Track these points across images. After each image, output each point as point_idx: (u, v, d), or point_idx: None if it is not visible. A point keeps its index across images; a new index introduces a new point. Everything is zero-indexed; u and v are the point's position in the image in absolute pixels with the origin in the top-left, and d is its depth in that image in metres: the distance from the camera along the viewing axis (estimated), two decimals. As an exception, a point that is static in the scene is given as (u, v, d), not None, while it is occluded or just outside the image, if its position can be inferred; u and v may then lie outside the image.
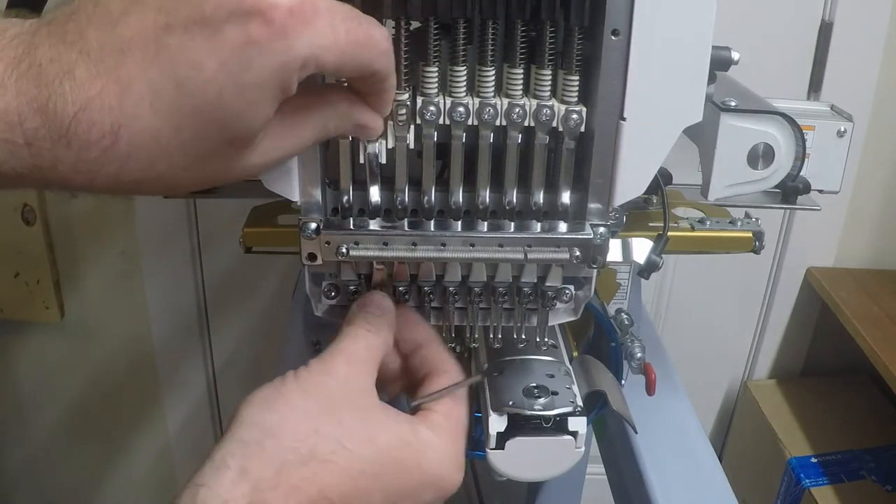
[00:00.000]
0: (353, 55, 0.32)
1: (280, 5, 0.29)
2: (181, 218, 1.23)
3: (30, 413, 1.40)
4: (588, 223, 0.44)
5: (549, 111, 0.41)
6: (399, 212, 0.44)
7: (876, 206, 1.26)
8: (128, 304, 1.29)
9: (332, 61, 0.31)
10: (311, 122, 0.36)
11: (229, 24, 0.29)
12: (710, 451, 0.68)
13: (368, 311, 0.42)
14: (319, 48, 0.31)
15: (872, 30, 1.13)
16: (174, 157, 0.31)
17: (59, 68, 0.29)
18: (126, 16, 0.29)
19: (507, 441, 0.50)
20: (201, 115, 0.30)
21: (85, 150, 0.30)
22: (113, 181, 0.31)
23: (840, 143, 0.57)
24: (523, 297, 0.47)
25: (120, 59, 0.29)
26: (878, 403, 1.30)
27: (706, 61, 0.40)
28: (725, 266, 1.28)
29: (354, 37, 0.32)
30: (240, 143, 0.33)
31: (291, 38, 0.30)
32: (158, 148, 0.31)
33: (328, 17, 0.31)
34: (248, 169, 0.35)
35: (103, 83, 0.29)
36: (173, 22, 0.29)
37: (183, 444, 1.43)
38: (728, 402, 1.46)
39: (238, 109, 0.31)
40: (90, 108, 0.29)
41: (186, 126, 0.30)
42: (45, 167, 0.30)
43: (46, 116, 0.29)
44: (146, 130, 0.30)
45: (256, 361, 1.37)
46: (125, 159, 0.30)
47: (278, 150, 0.35)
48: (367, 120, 0.37)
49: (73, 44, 0.29)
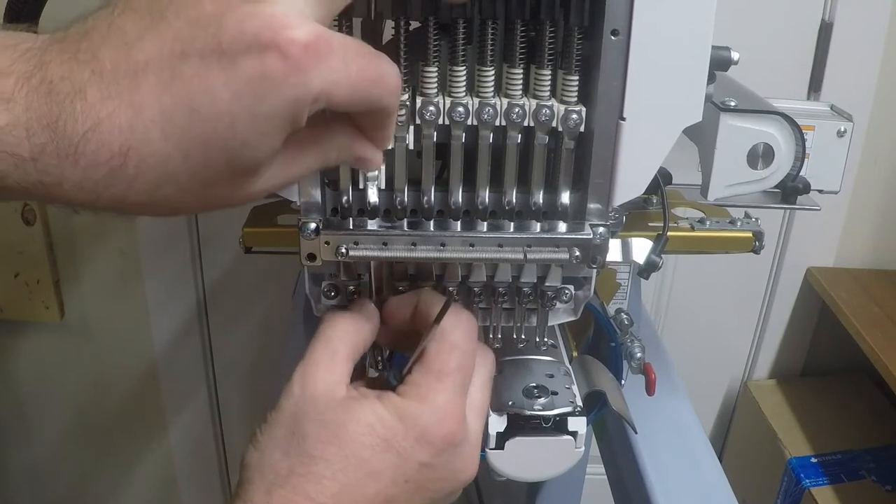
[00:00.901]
0: (364, 92, 0.32)
1: (297, 40, 0.29)
2: (181, 218, 1.23)
3: (30, 413, 1.40)
4: (588, 223, 0.44)
5: (548, 111, 0.41)
6: (398, 212, 0.44)
7: (876, 206, 1.26)
8: (128, 304, 1.30)
9: (343, 97, 0.32)
10: (314, 153, 0.36)
11: (246, 56, 0.29)
12: (710, 451, 0.68)
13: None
14: (332, 84, 0.31)
15: (872, 30, 1.13)
16: (181, 181, 0.31)
17: (71, 87, 0.29)
18: (141, 41, 0.30)
19: (506, 441, 0.50)
20: (211, 144, 0.30)
21: (92, 169, 0.30)
22: (117, 202, 0.31)
23: (840, 143, 0.57)
24: (523, 297, 0.47)
25: (134, 82, 0.29)
26: (878, 403, 1.30)
27: (706, 61, 0.40)
28: (725, 266, 1.28)
29: (366, 74, 0.32)
30: (246, 171, 0.33)
31: (306, 73, 0.30)
32: (166, 172, 0.31)
33: (342, 53, 0.31)
34: (252, 195, 0.35)
35: (115, 105, 0.29)
36: (190, 50, 0.29)
37: (183, 443, 1.43)
38: (728, 402, 1.46)
39: (248, 139, 0.31)
40: (100, 129, 0.29)
41: (196, 153, 0.31)
42: (50, 183, 0.30)
43: (55, 133, 0.29)
44: (155, 154, 0.30)
45: (256, 361, 1.37)
46: (132, 181, 0.31)
47: (281, 179, 0.36)
48: (367, 153, 0.37)
49: (86, 63, 0.29)
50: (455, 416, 0.40)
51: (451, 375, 0.40)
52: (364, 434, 0.38)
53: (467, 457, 0.41)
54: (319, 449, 0.37)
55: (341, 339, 0.41)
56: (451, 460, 0.40)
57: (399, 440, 0.38)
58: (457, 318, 0.42)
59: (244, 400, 1.41)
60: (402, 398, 0.39)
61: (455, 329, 0.41)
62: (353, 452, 0.37)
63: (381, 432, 0.38)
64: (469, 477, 0.41)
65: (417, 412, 0.39)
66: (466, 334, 0.42)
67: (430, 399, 0.39)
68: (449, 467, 0.40)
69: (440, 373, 0.40)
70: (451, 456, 0.39)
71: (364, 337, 0.43)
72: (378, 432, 0.38)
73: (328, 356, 0.40)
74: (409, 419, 0.38)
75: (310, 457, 0.37)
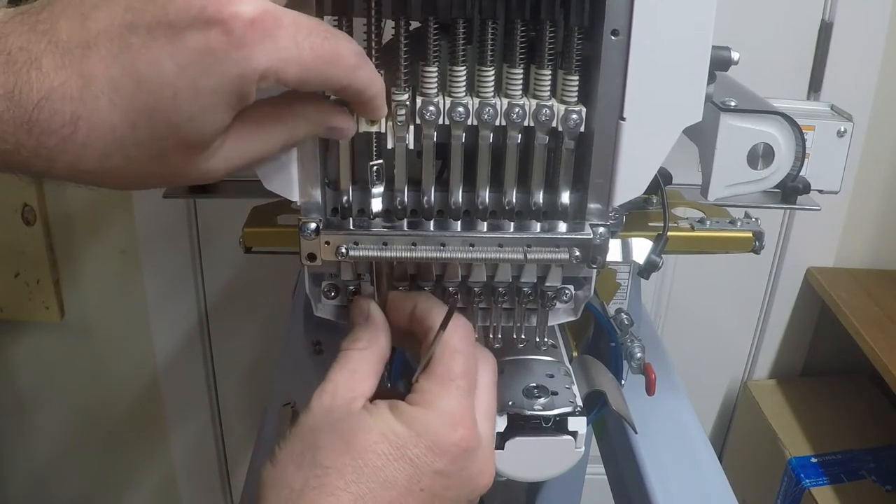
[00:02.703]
0: (317, 71, 0.32)
1: (241, 16, 0.30)
2: (181, 218, 1.23)
3: (29, 412, 1.40)
4: (588, 223, 0.44)
5: (548, 111, 0.41)
6: (399, 212, 0.44)
7: (876, 206, 1.26)
8: (128, 304, 1.30)
9: (294, 75, 0.32)
10: (277, 129, 0.36)
11: (191, 30, 0.30)
12: (710, 451, 0.68)
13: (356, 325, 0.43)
14: (280, 61, 0.31)
15: (872, 30, 1.13)
16: (129, 152, 0.32)
17: (28, 57, 0.30)
18: (97, 10, 0.30)
19: (507, 441, 0.50)
20: (156, 115, 0.31)
21: (46, 136, 0.30)
22: (70, 169, 0.32)
23: (840, 143, 0.57)
24: (523, 297, 0.47)
25: (86, 52, 0.30)
26: (878, 403, 1.30)
27: (706, 61, 0.40)
28: (725, 266, 1.28)
29: (320, 53, 0.32)
30: (195, 147, 0.33)
31: (250, 48, 0.30)
32: (114, 142, 0.31)
33: (292, 30, 0.31)
34: (210, 172, 0.35)
35: (67, 75, 0.30)
36: (138, 21, 0.30)
37: (183, 443, 1.43)
38: (728, 402, 1.46)
39: (192, 113, 0.31)
40: (53, 98, 0.30)
41: (142, 124, 0.31)
42: (9, 150, 0.31)
43: (12, 102, 0.30)
44: (103, 124, 0.31)
45: (256, 361, 1.37)
46: (82, 149, 0.31)
47: (242, 157, 0.35)
48: (337, 122, 0.37)
49: (44, 34, 0.30)
50: (465, 421, 0.39)
51: (456, 380, 0.40)
52: (376, 442, 0.37)
53: (483, 462, 0.40)
54: (332, 459, 0.36)
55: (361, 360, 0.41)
56: (468, 466, 0.39)
57: (411, 448, 0.37)
58: (455, 323, 0.41)
59: (244, 400, 1.41)
60: (411, 406, 0.39)
61: (455, 334, 0.41)
62: (367, 462, 0.37)
63: (393, 440, 0.37)
64: (487, 482, 0.41)
65: (427, 419, 0.38)
66: (466, 338, 0.41)
67: (437, 405, 0.39)
68: (465, 474, 0.39)
69: (445, 378, 0.40)
70: (466, 462, 0.39)
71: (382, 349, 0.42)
72: (390, 440, 0.37)
73: (347, 374, 0.40)
74: (420, 426, 0.38)
75: (322, 468, 0.36)
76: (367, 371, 0.41)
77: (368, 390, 0.40)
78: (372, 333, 0.42)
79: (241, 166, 0.36)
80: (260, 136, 0.36)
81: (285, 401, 0.71)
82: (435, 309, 0.43)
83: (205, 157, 0.34)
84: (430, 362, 0.40)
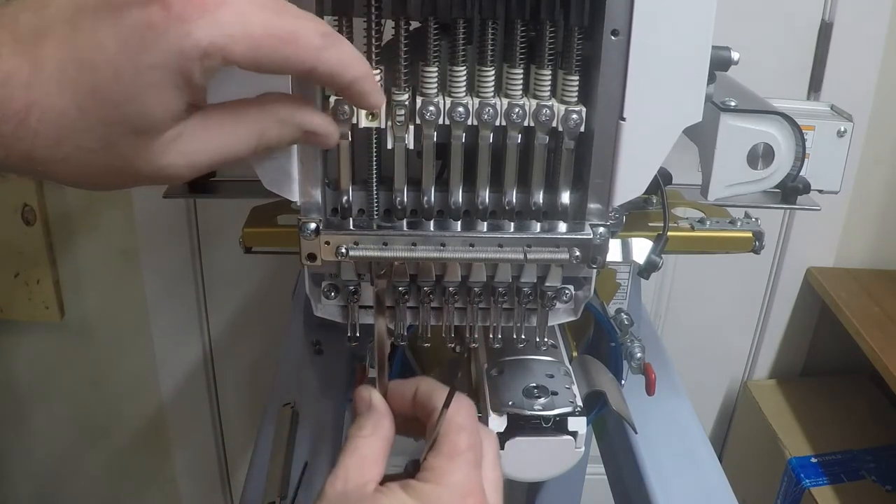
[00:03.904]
0: (270, 49, 0.32)
1: None
2: (181, 218, 1.23)
3: (29, 412, 1.40)
4: (588, 223, 0.44)
5: (548, 111, 0.41)
6: (398, 212, 0.44)
7: (876, 206, 1.26)
8: (128, 304, 1.29)
9: (242, 53, 0.31)
10: (243, 127, 0.35)
11: (132, 9, 0.30)
12: (710, 451, 0.68)
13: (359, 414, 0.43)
14: (225, 37, 0.30)
15: (872, 30, 1.12)
16: (81, 139, 0.32)
17: None
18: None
19: (507, 441, 0.50)
20: (100, 96, 0.31)
21: (3, 123, 0.31)
22: (25, 158, 0.32)
23: (840, 143, 0.57)
24: (523, 297, 0.47)
25: (40, 39, 0.31)
26: (878, 403, 1.30)
27: (706, 61, 0.40)
28: (725, 266, 1.28)
29: (272, 30, 0.31)
30: (144, 132, 0.32)
31: (189, 23, 0.30)
32: (65, 128, 0.31)
33: (238, 7, 0.31)
34: (166, 168, 0.34)
35: (21, 62, 0.30)
36: (86, 5, 0.31)
37: (183, 443, 1.43)
38: (728, 402, 1.46)
39: (134, 92, 0.31)
40: (9, 84, 0.30)
41: (88, 107, 0.31)
42: None
43: None
44: (53, 108, 0.31)
45: (256, 361, 1.37)
46: (35, 136, 0.31)
47: (204, 154, 0.35)
48: (315, 125, 0.36)
49: (5, 26, 0.31)
50: (475, 493, 0.39)
51: (463, 454, 0.40)
52: None
53: None
54: None
55: (367, 446, 0.41)
56: None
57: None
58: (458, 402, 0.42)
59: (244, 400, 1.41)
60: (422, 483, 0.39)
61: (458, 412, 0.41)
62: None
63: None
64: None
65: (438, 493, 0.38)
66: (469, 415, 0.42)
67: (447, 480, 0.39)
68: None
69: (452, 453, 0.40)
70: None
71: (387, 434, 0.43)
72: None
73: (357, 460, 0.40)
74: (432, 501, 0.38)
75: None
76: (375, 456, 0.41)
77: (378, 475, 0.40)
78: (376, 420, 0.42)
79: (205, 165, 0.35)
80: (224, 133, 0.35)
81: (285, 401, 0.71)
82: (436, 391, 0.43)
83: (159, 149, 0.33)
84: (436, 441, 0.41)
